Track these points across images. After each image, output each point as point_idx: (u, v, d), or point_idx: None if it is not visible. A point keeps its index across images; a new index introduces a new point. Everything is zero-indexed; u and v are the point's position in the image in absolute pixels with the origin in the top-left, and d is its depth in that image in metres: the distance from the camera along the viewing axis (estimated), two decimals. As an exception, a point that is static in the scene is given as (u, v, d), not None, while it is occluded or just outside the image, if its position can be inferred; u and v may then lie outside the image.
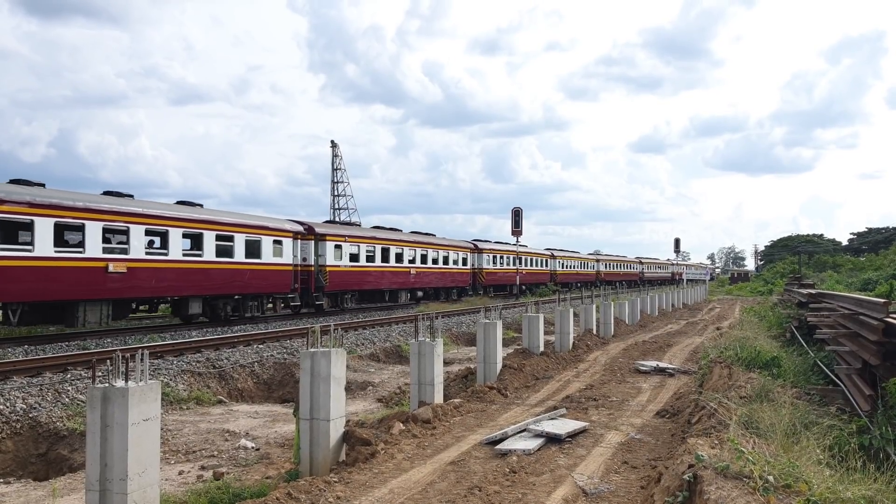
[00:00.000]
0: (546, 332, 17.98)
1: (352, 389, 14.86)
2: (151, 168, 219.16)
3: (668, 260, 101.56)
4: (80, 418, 11.20)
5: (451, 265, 45.45)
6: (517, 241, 49.94)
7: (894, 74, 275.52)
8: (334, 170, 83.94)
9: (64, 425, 11.27)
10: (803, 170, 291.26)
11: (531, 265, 58.85)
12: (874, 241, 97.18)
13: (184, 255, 23.97)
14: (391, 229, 40.47)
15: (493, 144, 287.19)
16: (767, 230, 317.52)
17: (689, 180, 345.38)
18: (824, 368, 12.13)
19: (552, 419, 9.94)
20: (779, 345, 15.12)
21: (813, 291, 19.51)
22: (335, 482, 7.31)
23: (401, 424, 9.48)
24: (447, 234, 45.88)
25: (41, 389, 12.53)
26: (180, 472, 9.10)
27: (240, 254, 26.30)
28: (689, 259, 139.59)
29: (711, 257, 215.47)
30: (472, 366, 15.81)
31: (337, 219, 78.15)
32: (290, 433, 10.63)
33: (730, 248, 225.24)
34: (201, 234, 24.55)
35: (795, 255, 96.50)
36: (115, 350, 6.64)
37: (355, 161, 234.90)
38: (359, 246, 34.74)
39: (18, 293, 18.65)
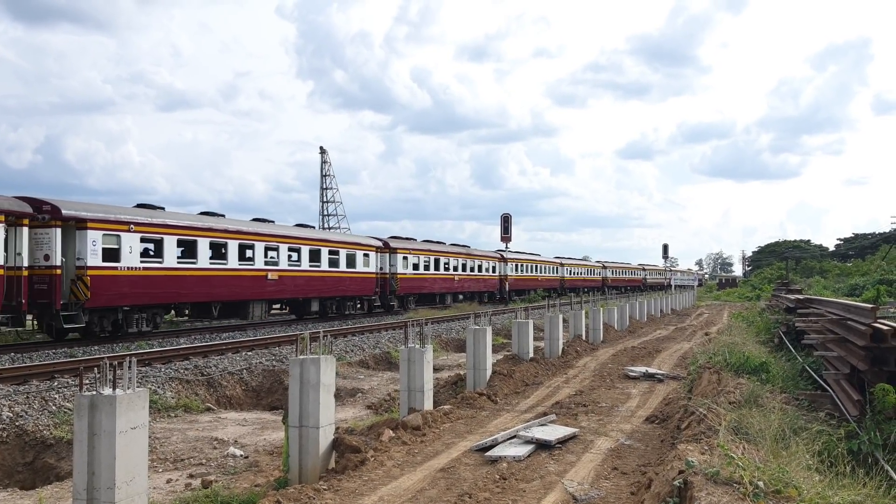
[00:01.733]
0: (536, 338, 18.00)
1: (341, 396, 14.81)
2: (139, 174, 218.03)
3: (667, 267, 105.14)
4: (68, 426, 11.10)
5: (483, 272, 52.35)
6: (506, 247, 50.78)
7: (880, 81, 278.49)
8: (323, 176, 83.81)
9: (51, 433, 11.17)
10: (790, 176, 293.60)
11: (545, 272, 65.91)
12: (861, 247, 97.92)
13: (309, 266, 31.44)
14: (437, 242, 47.28)
15: (482, 151, 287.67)
16: (755, 236, 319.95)
17: (676, 186, 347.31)
18: (813, 374, 12.20)
19: (542, 425, 9.94)
20: (767, 350, 15.20)
21: (800, 297, 19.63)
22: (325, 490, 7.28)
23: (390, 431, 9.45)
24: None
25: (28, 397, 12.41)
26: (168, 481, 9.03)
27: (343, 265, 33.98)
28: (678, 265, 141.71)
29: (699, 263, 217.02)
30: (461, 372, 15.79)
31: (326, 225, 78.36)
32: (279, 441, 10.58)
33: (717, 254, 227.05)
34: (320, 250, 32.23)
35: (783, 260, 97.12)
36: (103, 357, 6.59)
37: (344, 167, 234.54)
38: (419, 257, 41.94)
39: (219, 295, 26.12)
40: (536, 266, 63.54)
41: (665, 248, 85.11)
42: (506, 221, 49.00)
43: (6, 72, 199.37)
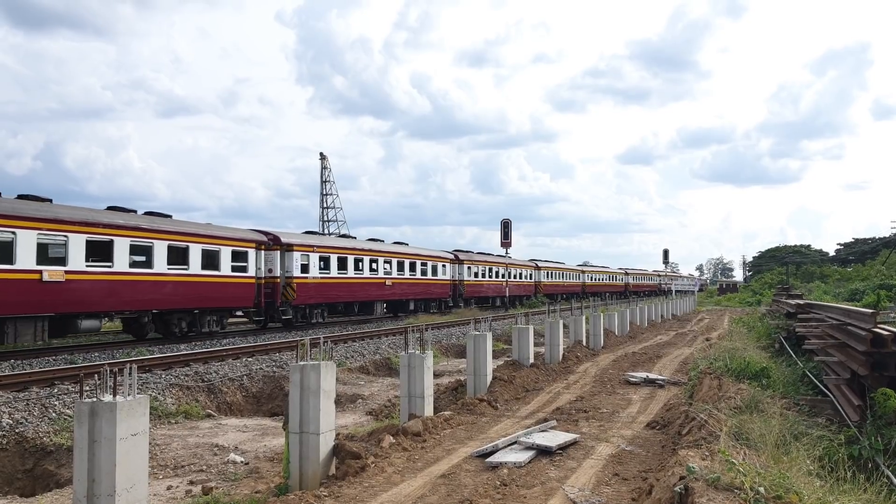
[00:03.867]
0: (536, 344, 17.98)
1: (341, 402, 14.80)
2: (139, 181, 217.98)
3: (677, 272, 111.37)
4: (68, 433, 11.09)
5: (522, 279, 61.39)
6: (506, 253, 51.01)
7: (879, 86, 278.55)
8: (323, 182, 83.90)
9: (51, 440, 11.15)
10: (790, 181, 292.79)
11: (570, 278, 75.34)
12: (861, 252, 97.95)
13: (409, 274, 40.89)
14: (487, 253, 56.49)
15: (482, 156, 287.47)
16: (755, 241, 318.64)
17: (677, 191, 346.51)
18: (813, 379, 12.20)
19: (543, 431, 9.93)
20: (768, 355, 15.19)
21: (801, 302, 19.63)
22: (325, 496, 7.27)
23: (391, 437, 9.43)
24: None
25: (28, 404, 12.39)
26: (169, 487, 9.02)
27: (430, 273, 43.90)
28: (678, 270, 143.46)
29: (700, 268, 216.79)
30: (462, 378, 15.78)
31: (326, 231, 78.50)
32: (279, 447, 10.57)
33: (718, 259, 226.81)
34: (415, 262, 41.92)
35: (783, 265, 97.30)
36: (103, 364, 6.60)
37: (344, 173, 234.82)
38: (478, 266, 51.51)
39: (358, 296, 35.87)
40: (562, 273, 72.93)
41: (665, 253, 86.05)
42: (506, 227, 49.33)
43: (6, 78, 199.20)
